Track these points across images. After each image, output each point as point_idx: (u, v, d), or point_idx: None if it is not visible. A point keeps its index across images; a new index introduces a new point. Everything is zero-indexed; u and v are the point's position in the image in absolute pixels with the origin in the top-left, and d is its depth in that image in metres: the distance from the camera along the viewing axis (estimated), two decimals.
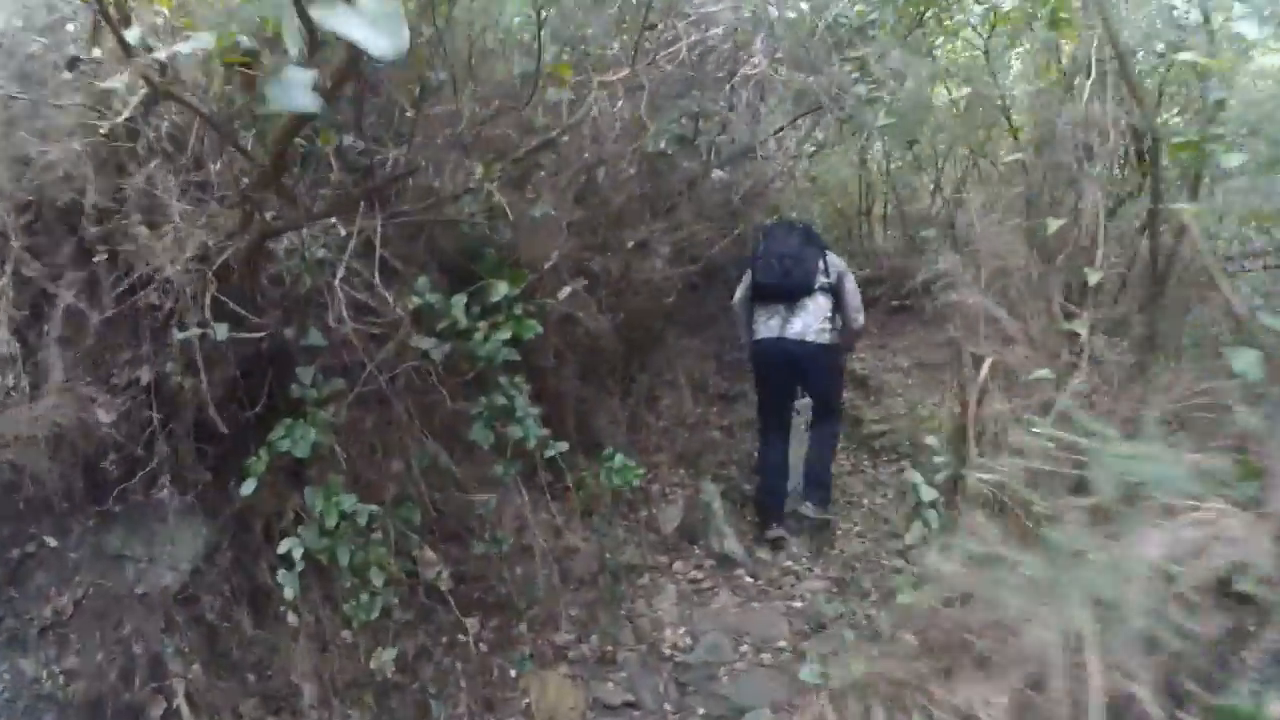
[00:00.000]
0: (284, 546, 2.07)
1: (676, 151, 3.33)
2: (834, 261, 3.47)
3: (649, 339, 4.61)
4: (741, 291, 3.60)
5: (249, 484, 2.05)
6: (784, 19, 3.20)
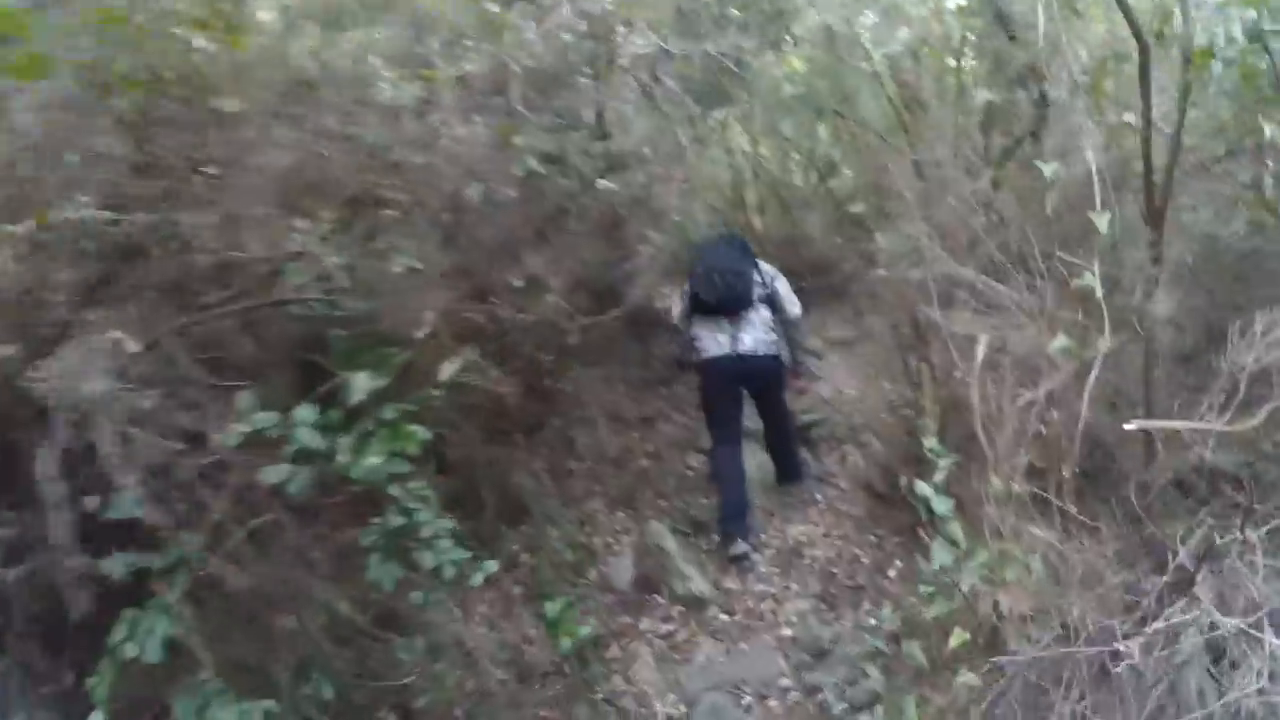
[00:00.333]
0: None
1: (551, 169, 2.96)
2: (764, 268, 3.50)
3: (554, 379, 4.22)
4: (680, 309, 3.54)
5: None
6: None
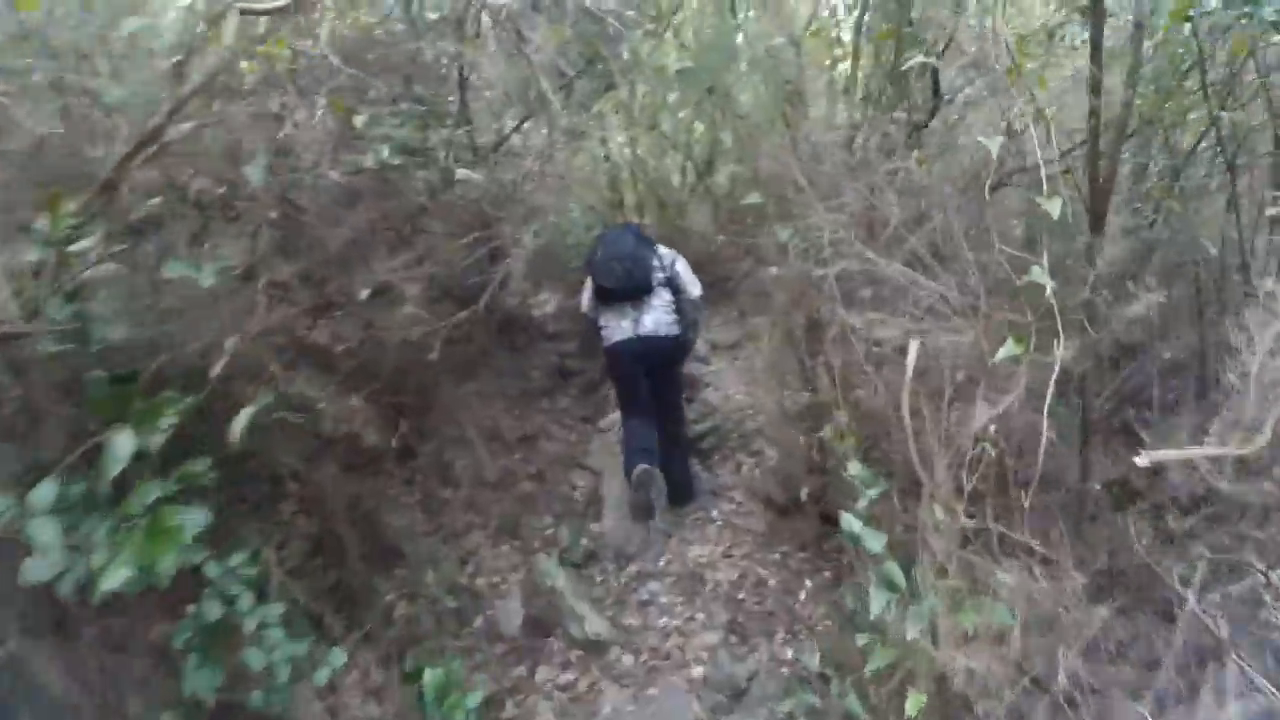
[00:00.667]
0: None
1: (407, 160, 2.54)
2: (663, 253, 3.55)
3: (421, 399, 3.76)
4: (587, 299, 3.58)
5: None
6: None
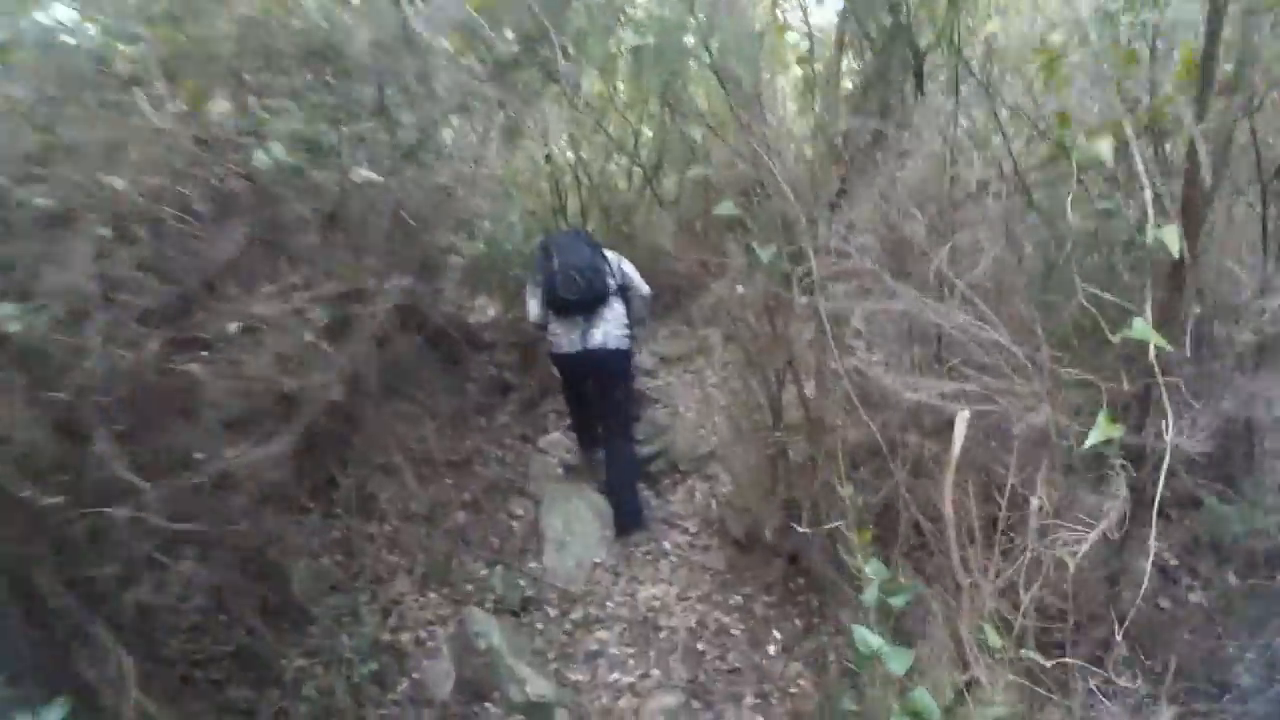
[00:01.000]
0: None
1: (307, 161, 2.17)
2: (610, 257, 3.45)
3: (342, 422, 3.37)
4: (537, 307, 3.44)
5: None
6: None
